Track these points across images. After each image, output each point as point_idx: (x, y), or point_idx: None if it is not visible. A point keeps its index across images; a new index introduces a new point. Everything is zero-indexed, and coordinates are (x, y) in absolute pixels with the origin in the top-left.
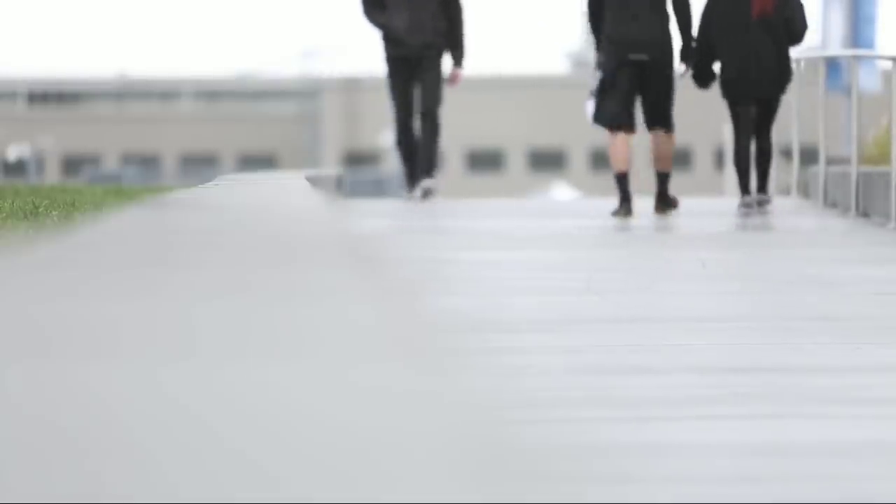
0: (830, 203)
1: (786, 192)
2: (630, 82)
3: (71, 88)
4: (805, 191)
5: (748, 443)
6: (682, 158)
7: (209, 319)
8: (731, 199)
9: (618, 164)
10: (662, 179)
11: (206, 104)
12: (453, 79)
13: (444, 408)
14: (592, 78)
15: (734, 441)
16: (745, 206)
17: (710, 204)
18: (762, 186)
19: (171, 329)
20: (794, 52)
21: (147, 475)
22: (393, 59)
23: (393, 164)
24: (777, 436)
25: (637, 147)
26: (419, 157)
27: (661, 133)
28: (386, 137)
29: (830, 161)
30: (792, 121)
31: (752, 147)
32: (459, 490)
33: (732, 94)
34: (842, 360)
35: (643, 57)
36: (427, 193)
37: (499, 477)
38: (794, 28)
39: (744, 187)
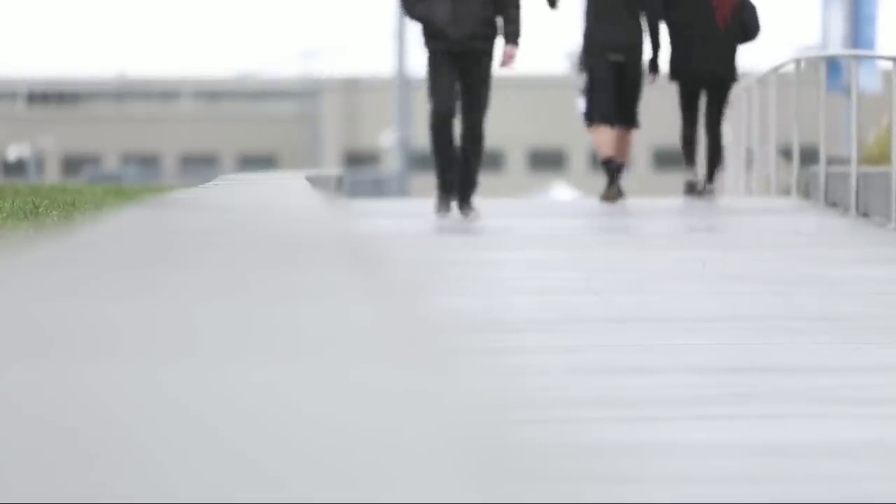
0: (830, 203)
1: (786, 192)
2: (611, 81)
3: (71, 88)
4: (805, 191)
5: (747, 443)
6: (682, 158)
7: (209, 319)
8: (730, 197)
9: (605, 151)
10: (618, 170)
11: (206, 104)
12: (507, 59)
13: (445, 407)
14: (579, 78)
15: (733, 441)
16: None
17: (710, 203)
18: (710, 177)
19: (171, 329)
20: (795, 52)
21: (147, 475)
22: (435, 53)
23: (393, 164)
24: (777, 436)
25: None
26: (459, 179)
27: (623, 129)
28: (386, 137)
29: (830, 161)
30: (792, 121)
31: (701, 135)
32: (459, 490)
33: (684, 79)
34: (842, 360)
35: (620, 58)
36: (468, 216)
37: (499, 477)
38: (750, 30)
39: (689, 160)
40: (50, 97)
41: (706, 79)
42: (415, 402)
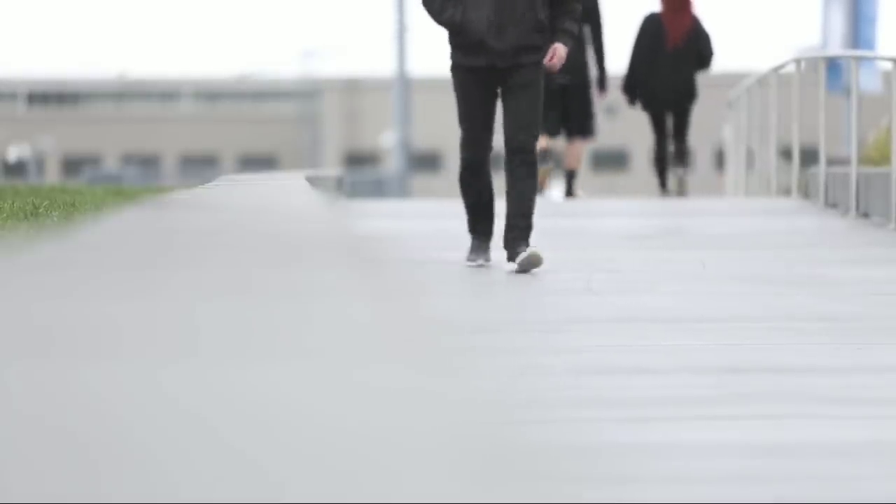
0: (830, 203)
1: (786, 192)
2: (555, 100)
3: (71, 88)
4: (805, 191)
5: (748, 443)
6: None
7: (210, 319)
8: (731, 198)
9: (540, 145)
10: (571, 175)
11: (206, 104)
12: (555, 58)
13: (446, 408)
14: None
15: (734, 441)
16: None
17: (710, 203)
18: (680, 169)
19: (171, 329)
20: (795, 52)
21: (147, 475)
22: (467, 70)
23: (393, 164)
24: (777, 436)
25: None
26: (509, 211)
27: (577, 140)
28: (386, 138)
29: (830, 161)
30: (792, 121)
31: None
32: (461, 490)
33: (652, 108)
34: (842, 360)
35: (565, 80)
36: (526, 265)
37: (500, 477)
38: (704, 56)
39: (662, 184)
40: (50, 97)
41: (671, 101)
42: (416, 402)
